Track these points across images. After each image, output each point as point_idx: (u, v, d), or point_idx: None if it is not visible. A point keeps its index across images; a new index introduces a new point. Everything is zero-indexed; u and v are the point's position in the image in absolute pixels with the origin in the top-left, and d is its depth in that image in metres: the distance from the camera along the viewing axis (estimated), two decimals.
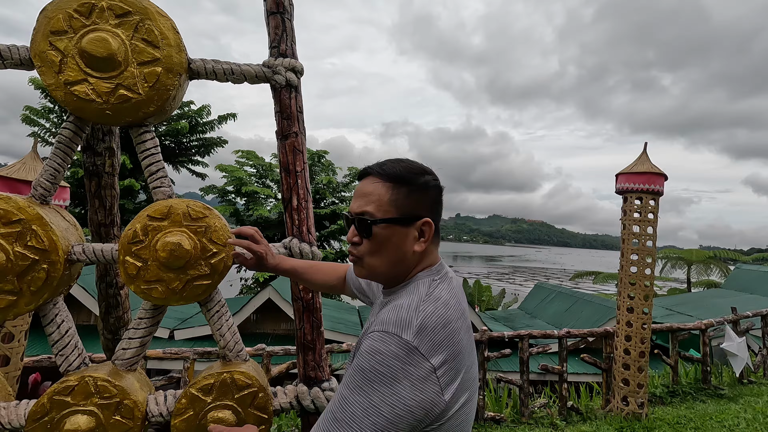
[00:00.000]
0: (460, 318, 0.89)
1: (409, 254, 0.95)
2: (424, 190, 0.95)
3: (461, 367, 0.84)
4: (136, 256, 1.43)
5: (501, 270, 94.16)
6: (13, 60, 1.42)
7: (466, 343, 0.88)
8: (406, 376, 0.76)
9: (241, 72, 1.57)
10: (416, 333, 0.80)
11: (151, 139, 1.53)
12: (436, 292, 0.90)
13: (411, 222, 0.94)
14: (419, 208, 0.94)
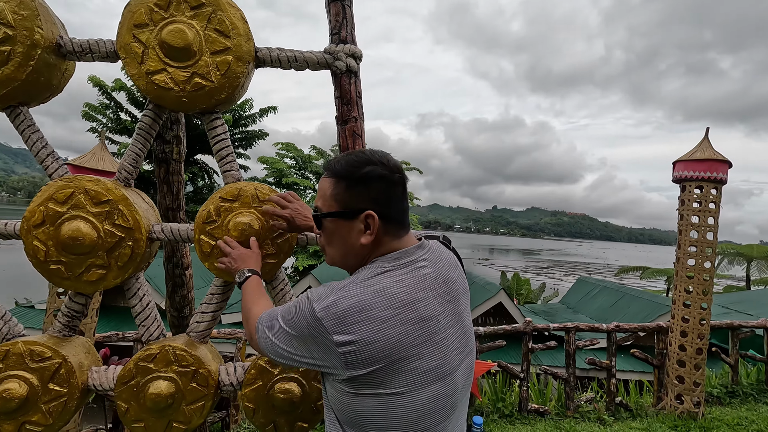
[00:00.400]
0: (396, 308, 0.88)
1: (357, 247, 0.97)
2: (364, 183, 0.95)
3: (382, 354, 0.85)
4: (210, 235, 1.53)
5: (539, 264, 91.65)
6: (101, 53, 1.54)
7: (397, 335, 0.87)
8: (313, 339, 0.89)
9: (303, 59, 1.62)
10: (325, 308, 0.87)
11: (221, 125, 1.61)
12: (375, 279, 0.91)
13: (354, 215, 0.95)
14: (360, 201, 0.95)
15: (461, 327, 0.99)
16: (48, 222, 1.45)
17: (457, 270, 1.05)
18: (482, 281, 12.51)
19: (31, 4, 1.43)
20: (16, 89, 1.44)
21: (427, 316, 0.91)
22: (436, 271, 0.98)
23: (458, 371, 0.96)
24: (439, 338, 0.92)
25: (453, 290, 1.00)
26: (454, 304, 0.99)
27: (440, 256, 1.03)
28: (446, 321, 0.95)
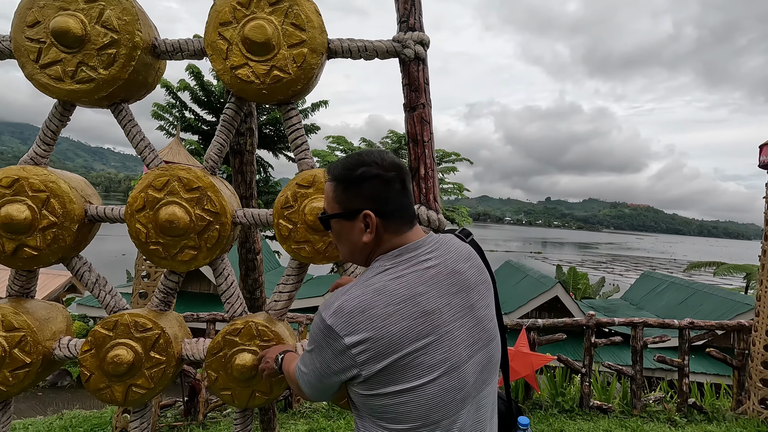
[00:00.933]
0: (396, 305, 0.91)
1: (361, 244, 1.01)
2: (358, 184, 0.98)
3: (389, 350, 0.88)
4: (288, 219, 1.62)
5: (597, 258, 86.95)
6: (189, 51, 1.67)
7: (399, 331, 0.89)
8: (329, 347, 0.92)
9: (373, 48, 1.67)
10: (332, 314, 0.91)
11: (296, 115, 1.70)
12: (375, 279, 0.95)
13: (353, 216, 0.99)
14: (357, 201, 0.98)
15: (472, 319, 0.99)
16: (148, 207, 1.61)
17: (468, 262, 1.05)
18: (536, 274, 12.12)
19: (132, 10, 1.58)
20: (119, 88, 1.61)
21: (429, 309, 0.92)
22: (441, 264, 0.99)
23: (468, 364, 0.95)
24: (443, 331, 0.93)
25: (461, 281, 1.00)
26: (462, 296, 0.99)
27: (449, 248, 1.04)
28: (451, 313, 0.95)
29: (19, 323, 1.60)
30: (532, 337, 4.29)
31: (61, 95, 1.60)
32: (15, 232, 1.56)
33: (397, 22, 1.71)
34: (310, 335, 0.98)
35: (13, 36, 1.58)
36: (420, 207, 1.69)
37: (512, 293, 11.87)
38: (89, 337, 1.62)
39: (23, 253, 1.59)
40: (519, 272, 13.32)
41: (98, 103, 1.64)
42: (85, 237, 1.71)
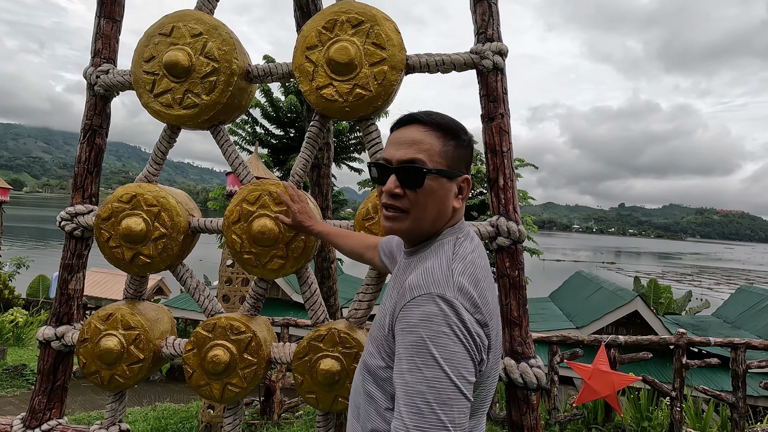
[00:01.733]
0: (487, 277, 0.88)
1: (449, 210, 0.93)
2: (468, 147, 0.95)
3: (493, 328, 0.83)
4: (369, 231, 1.68)
5: (680, 269, 79.05)
6: (278, 74, 1.80)
7: (493, 304, 0.86)
8: (463, 332, 0.76)
9: (451, 61, 1.69)
10: (458, 291, 0.79)
11: (376, 130, 1.76)
12: (462, 250, 0.89)
13: (454, 177, 0.92)
14: (462, 164, 0.94)
15: None
16: (242, 219, 1.75)
17: None
18: (612, 287, 11.29)
19: (230, 41, 1.74)
20: (218, 111, 1.77)
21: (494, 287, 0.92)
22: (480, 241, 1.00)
23: None
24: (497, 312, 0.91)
25: None
26: None
27: None
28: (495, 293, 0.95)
29: (135, 323, 1.80)
30: (613, 354, 4.01)
31: (170, 120, 1.80)
32: (133, 242, 1.77)
33: (474, 33, 1.71)
34: (427, 340, 0.74)
35: (132, 70, 1.81)
36: (499, 218, 1.67)
37: (585, 306, 11.15)
38: (192, 338, 1.78)
39: (139, 261, 1.80)
40: (592, 284, 12.49)
41: (200, 125, 1.82)
42: (188, 246, 1.89)
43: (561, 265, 64.46)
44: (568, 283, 14.29)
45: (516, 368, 1.65)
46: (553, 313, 11.91)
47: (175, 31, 1.75)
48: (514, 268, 1.69)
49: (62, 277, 1.95)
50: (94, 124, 1.94)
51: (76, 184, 1.95)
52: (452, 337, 0.74)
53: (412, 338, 0.76)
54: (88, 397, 6.37)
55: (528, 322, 1.71)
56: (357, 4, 1.67)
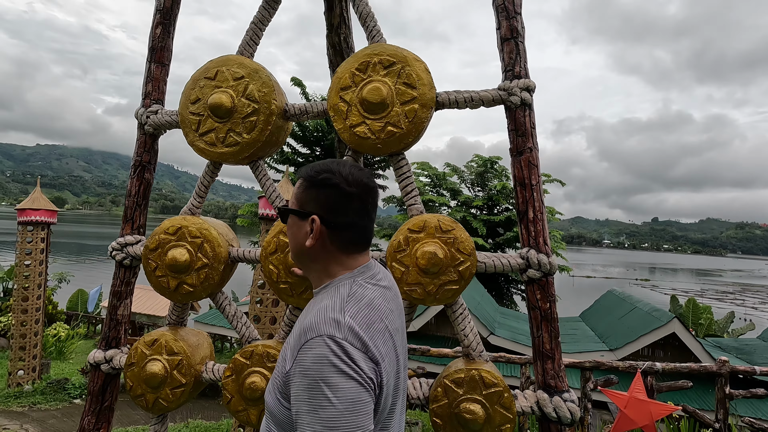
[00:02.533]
0: (381, 321, 0.91)
1: (304, 247, 0.99)
2: (317, 188, 0.97)
3: (384, 369, 0.87)
4: (400, 262, 1.73)
5: (721, 287, 75.00)
6: (314, 113, 1.90)
7: (385, 349, 0.89)
8: (350, 368, 0.80)
9: (479, 98, 1.74)
10: (348, 331, 0.84)
11: (406, 164, 1.82)
12: (359, 292, 0.93)
13: (305, 216, 0.98)
14: (310, 204, 0.98)
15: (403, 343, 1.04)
16: (279, 251, 1.83)
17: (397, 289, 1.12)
18: (647, 307, 10.85)
19: (269, 82, 1.86)
20: (258, 148, 1.88)
21: (397, 327, 0.98)
22: (390, 285, 1.05)
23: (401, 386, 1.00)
24: (400, 352, 0.97)
25: (401, 307, 1.08)
26: (402, 319, 1.07)
27: (387, 273, 1.10)
28: (401, 335, 1.02)
29: (178, 349, 1.90)
30: (650, 382, 3.86)
31: (213, 157, 1.92)
32: (177, 271, 1.87)
33: (502, 71, 1.77)
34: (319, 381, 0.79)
35: (179, 111, 1.95)
36: (530, 251, 1.69)
37: (618, 327, 10.73)
38: (230, 364, 1.86)
39: (182, 289, 1.90)
40: (625, 303, 12.03)
41: (241, 161, 1.93)
42: (228, 275, 1.99)
43: (591, 282, 62.33)
44: (600, 303, 13.80)
45: (549, 402, 1.64)
46: (585, 334, 11.51)
47: (219, 75, 1.88)
48: (545, 301, 1.69)
49: (111, 303, 2.07)
50: (143, 160, 2.09)
51: (126, 216, 2.09)
52: (344, 376, 0.80)
53: (307, 381, 0.81)
54: (124, 412, 6.58)
55: (561, 355, 1.71)
56: (388, 46, 1.76)
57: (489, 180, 20.18)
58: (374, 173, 21.17)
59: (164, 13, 2.08)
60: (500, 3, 1.74)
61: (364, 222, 1.00)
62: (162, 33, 2.08)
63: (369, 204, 1.00)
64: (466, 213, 19.27)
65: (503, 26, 1.74)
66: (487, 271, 1.73)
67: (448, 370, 1.71)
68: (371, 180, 1.01)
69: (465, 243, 1.68)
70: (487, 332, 10.01)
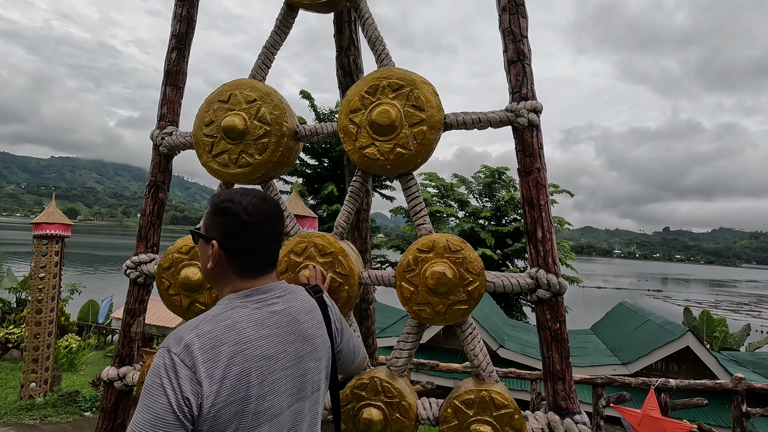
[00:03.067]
0: (243, 344, 0.94)
1: (207, 270, 1.06)
2: (216, 215, 1.05)
3: (232, 391, 0.89)
4: (410, 282, 1.74)
5: (736, 298, 73.43)
6: (324, 134, 1.94)
7: (242, 371, 0.91)
8: (170, 384, 0.86)
9: (487, 119, 1.77)
10: (183, 348, 0.89)
11: (415, 185, 1.85)
12: (226, 314, 0.97)
13: (208, 240, 1.05)
14: (212, 229, 1.05)
15: (299, 369, 1.04)
16: (290, 270, 1.85)
17: (309, 314, 1.12)
18: (659, 319, 10.67)
19: (281, 105, 1.90)
20: (269, 169, 1.92)
21: (268, 354, 0.98)
22: (286, 311, 1.06)
23: (286, 413, 1.00)
24: (274, 378, 0.97)
25: (299, 331, 1.06)
26: (296, 346, 1.05)
27: (295, 297, 1.12)
28: (284, 362, 1.00)
29: None
30: (663, 399, 3.79)
31: (226, 178, 1.96)
32: (190, 290, 1.91)
33: (509, 93, 1.79)
34: (148, 377, 0.89)
35: (193, 133, 2.00)
36: (539, 271, 1.69)
37: (630, 340, 10.56)
38: None
39: (194, 308, 1.93)
40: (637, 316, 11.84)
41: (252, 181, 1.97)
42: None
43: (602, 293, 61.42)
44: (612, 315, 13.60)
45: (560, 424, 1.63)
46: (597, 347, 11.33)
47: (232, 98, 1.93)
48: (555, 321, 1.69)
49: (125, 320, 2.11)
50: (158, 180, 2.14)
51: (141, 234, 2.13)
52: (160, 390, 0.87)
53: (144, 384, 0.91)
54: None
55: (572, 376, 1.70)
56: (397, 70, 1.80)
57: (497, 191, 20.14)
58: (382, 185, 21.27)
59: (179, 38, 2.15)
60: (507, 27, 1.77)
61: (263, 248, 1.07)
62: (177, 57, 2.14)
63: (268, 232, 1.07)
64: (474, 224, 19.22)
65: (510, 49, 1.77)
66: (497, 290, 1.73)
67: (458, 391, 1.71)
68: (273, 209, 1.09)
69: (474, 263, 1.69)
70: (497, 345, 9.91)
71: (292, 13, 2.00)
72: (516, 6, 1.77)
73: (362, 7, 1.90)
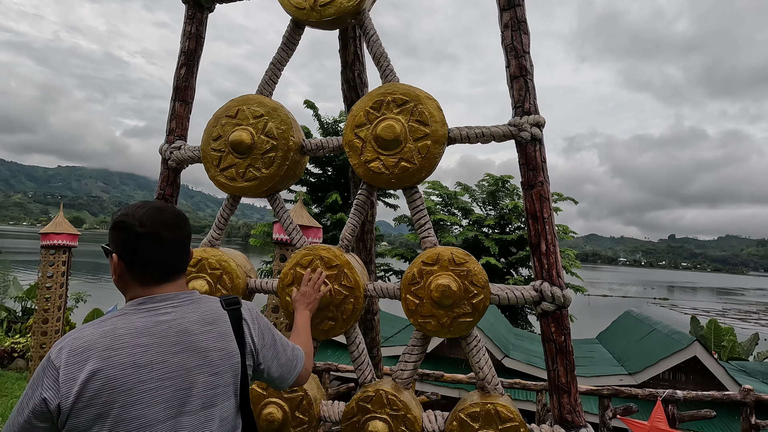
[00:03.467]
0: (115, 350, 0.97)
1: (114, 281, 1.11)
2: (113, 229, 1.09)
3: (96, 395, 0.93)
4: (415, 295, 1.76)
5: (744, 306, 72.54)
6: (330, 148, 1.97)
7: (109, 377, 0.94)
8: (38, 383, 0.94)
9: (490, 134, 1.79)
10: (58, 350, 0.96)
11: (419, 198, 1.87)
12: (109, 321, 1.01)
13: (109, 254, 1.10)
14: (112, 243, 1.09)
15: (183, 382, 1.02)
16: (296, 282, 1.87)
17: (209, 326, 1.09)
18: (666, 329, 10.56)
19: (287, 120, 1.94)
20: (276, 182, 1.95)
21: (142, 362, 0.98)
22: (176, 320, 1.06)
23: (160, 426, 0.98)
24: (146, 388, 0.97)
25: (188, 342, 1.05)
26: (182, 357, 1.03)
27: (195, 308, 1.10)
28: (162, 372, 0.99)
29: None
30: (671, 411, 3.75)
31: (233, 191, 2.00)
32: None
33: (512, 107, 1.82)
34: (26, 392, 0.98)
35: (201, 148, 2.03)
36: (543, 283, 1.70)
37: (637, 350, 10.44)
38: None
39: None
40: (643, 325, 11.71)
41: (259, 195, 2.00)
42: None
43: (608, 301, 60.85)
44: (617, 324, 13.47)
45: None
46: (602, 357, 11.21)
47: (239, 113, 1.97)
48: (560, 333, 1.70)
49: None
50: (166, 193, 2.17)
51: None
52: (32, 386, 0.97)
53: None
54: None
55: (577, 389, 1.70)
56: (401, 85, 1.83)
57: (500, 199, 20.12)
58: (385, 193, 21.31)
59: (188, 54, 2.19)
60: (509, 43, 1.80)
61: (165, 257, 1.10)
62: (186, 73, 2.19)
63: (167, 240, 1.09)
64: (477, 232, 19.18)
65: (512, 65, 1.79)
66: (501, 303, 1.74)
67: (464, 404, 1.71)
68: (170, 218, 1.11)
69: (478, 276, 1.70)
70: (502, 355, 9.83)
71: (298, 30, 2.04)
72: (518, 23, 1.80)
73: (367, 24, 1.94)
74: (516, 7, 1.80)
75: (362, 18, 1.94)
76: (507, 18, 1.81)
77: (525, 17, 1.82)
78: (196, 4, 2.19)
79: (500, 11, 1.83)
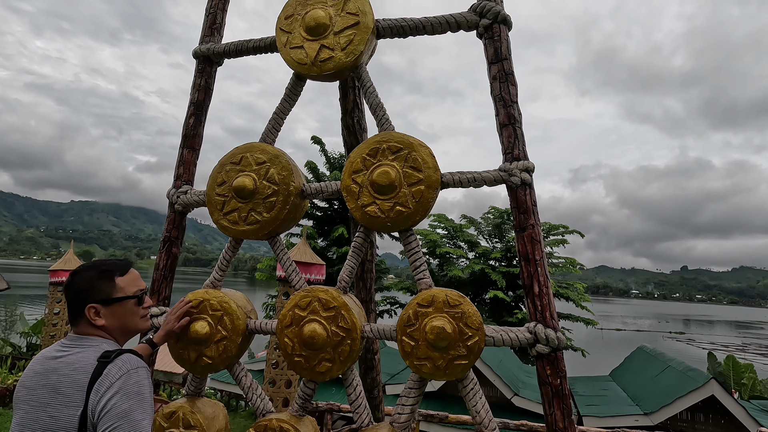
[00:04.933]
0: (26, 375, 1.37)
1: None
2: None
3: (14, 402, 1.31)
4: (410, 337, 1.78)
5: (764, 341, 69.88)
6: (328, 192, 2.06)
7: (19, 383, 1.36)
8: None
9: (482, 179, 1.87)
10: None
11: (414, 240, 1.93)
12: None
13: None
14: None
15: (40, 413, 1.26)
16: (294, 324, 1.91)
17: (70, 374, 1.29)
18: (681, 366, 10.23)
19: (288, 166, 2.03)
20: (277, 226, 2.02)
21: (27, 385, 1.33)
22: (55, 358, 1.35)
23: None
24: (19, 405, 1.31)
25: (48, 380, 1.30)
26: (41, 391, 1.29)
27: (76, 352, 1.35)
28: (28, 398, 1.30)
29: (194, 422, 1.94)
30: None
31: (236, 234, 2.07)
32: (198, 344, 1.96)
33: (502, 153, 1.90)
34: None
35: (206, 192, 2.13)
36: (537, 325, 1.72)
37: (652, 389, 10.08)
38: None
39: (201, 362, 1.97)
40: (657, 362, 11.36)
41: (260, 238, 2.07)
42: (245, 346, 2.06)
43: (622, 335, 59.07)
44: (631, 360, 13.07)
45: None
46: (617, 395, 10.81)
47: (243, 160, 2.07)
48: (555, 376, 1.70)
49: None
50: (172, 235, 2.25)
51: (153, 288, 2.22)
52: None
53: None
54: None
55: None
56: (396, 134, 1.93)
57: (507, 231, 20.09)
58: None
59: (197, 105, 2.34)
60: (497, 93, 1.91)
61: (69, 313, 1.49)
62: (194, 122, 2.32)
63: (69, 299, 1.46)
64: (484, 265, 19.04)
65: (501, 114, 1.89)
66: (496, 345, 1.76)
67: None
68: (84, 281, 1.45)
69: (472, 317, 1.73)
70: (511, 393, 9.53)
71: (300, 83, 2.18)
72: (506, 75, 1.92)
73: (364, 76, 2.07)
74: (503, 61, 1.92)
75: (359, 71, 2.07)
76: (495, 71, 1.93)
77: (512, 70, 1.93)
78: (206, 59, 2.35)
79: (489, 64, 1.95)
